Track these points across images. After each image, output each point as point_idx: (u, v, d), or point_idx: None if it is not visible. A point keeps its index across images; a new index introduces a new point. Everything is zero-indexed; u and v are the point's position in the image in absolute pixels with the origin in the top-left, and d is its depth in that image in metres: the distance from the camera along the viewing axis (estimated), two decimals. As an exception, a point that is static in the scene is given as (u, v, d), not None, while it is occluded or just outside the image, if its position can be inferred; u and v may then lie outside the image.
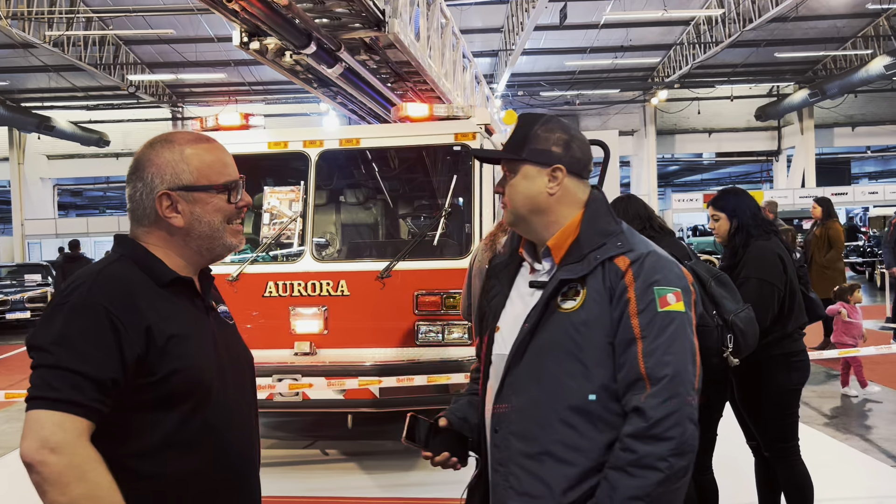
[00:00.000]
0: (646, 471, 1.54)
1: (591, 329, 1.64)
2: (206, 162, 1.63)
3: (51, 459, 1.37)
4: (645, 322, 1.60)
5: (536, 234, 1.79)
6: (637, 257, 1.66)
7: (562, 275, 1.69)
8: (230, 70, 21.90)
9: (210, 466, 1.56)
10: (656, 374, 1.58)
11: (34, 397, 1.42)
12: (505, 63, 20.45)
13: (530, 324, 1.69)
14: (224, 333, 1.70)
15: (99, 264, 1.59)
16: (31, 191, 26.82)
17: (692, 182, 39.55)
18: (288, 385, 5.01)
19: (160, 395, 1.51)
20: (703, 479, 3.45)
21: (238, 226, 1.69)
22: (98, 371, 1.43)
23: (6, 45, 19.40)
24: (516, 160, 1.77)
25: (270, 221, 5.60)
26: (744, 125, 27.82)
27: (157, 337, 1.50)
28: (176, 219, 1.62)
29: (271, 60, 6.11)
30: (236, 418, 1.64)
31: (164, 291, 1.58)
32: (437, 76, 7.58)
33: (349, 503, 4.65)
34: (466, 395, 1.97)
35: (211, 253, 1.66)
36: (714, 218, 3.63)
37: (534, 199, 1.75)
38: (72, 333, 1.45)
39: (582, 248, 1.70)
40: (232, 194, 1.65)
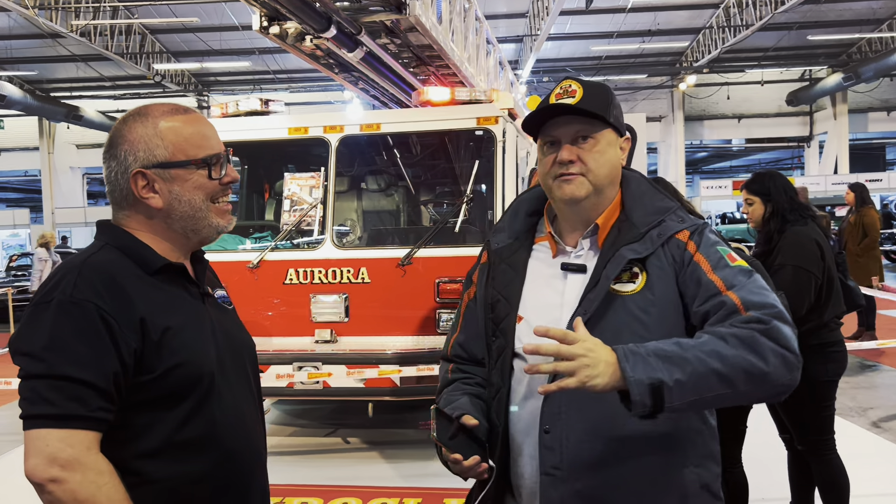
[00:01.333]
0: (750, 351, 1.41)
1: (659, 310, 1.54)
2: (182, 135, 1.50)
3: (63, 476, 1.28)
4: (724, 275, 1.52)
5: (595, 210, 1.65)
6: (695, 228, 1.60)
7: (627, 254, 1.56)
8: (254, 58, 21.93)
9: (217, 463, 1.46)
10: (755, 300, 1.47)
11: (32, 415, 1.31)
12: (530, 48, 20.21)
13: (588, 311, 1.53)
14: (223, 320, 1.60)
15: (82, 255, 1.47)
16: (62, 180, 27.18)
17: (721, 169, 38.95)
18: (308, 373, 4.97)
19: (160, 393, 1.40)
20: (732, 473, 3.33)
21: (225, 204, 1.56)
22: (97, 375, 1.32)
23: (35, 36, 19.62)
24: (604, 123, 1.61)
25: (291, 208, 5.55)
26: (774, 110, 27.27)
27: (151, 330, 1.39)
28: (154, 199, 1.49)
29: (292, 45, 6.03)
30: (240, 410, 1.54)
31: (154, 279, 1.46)
32: (460, 60, 7.45)
33: (370, 492, 4.59)
34: (462, 394, 1.70)
35: (197, 235, 1.54)
36: (748, 202, 3.49)
37: (616, 168, 1.65)
38: (62, 335, 1.32)
39: (637, 226, 1.60)
40: (213, 169, 1.51)
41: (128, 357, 1.35)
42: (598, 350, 1.37)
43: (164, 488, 1.40)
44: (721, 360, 1.39)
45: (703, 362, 1.38)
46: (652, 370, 1.36)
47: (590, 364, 1.35)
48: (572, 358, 1.35)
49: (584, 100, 1.58)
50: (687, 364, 1.37)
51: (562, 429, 1.54)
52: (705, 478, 1.58)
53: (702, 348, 1.40)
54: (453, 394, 1.72)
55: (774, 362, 1.41)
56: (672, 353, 1.39)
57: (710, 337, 1.43)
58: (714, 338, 1.42)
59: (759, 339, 1.41)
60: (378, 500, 4.47)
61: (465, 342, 1.79)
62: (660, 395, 1.36)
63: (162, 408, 1.40)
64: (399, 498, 4.49)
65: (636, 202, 1.64)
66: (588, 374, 1.35)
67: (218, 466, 1.46)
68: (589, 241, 1.65)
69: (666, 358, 1.38)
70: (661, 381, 1.36)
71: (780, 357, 1.41)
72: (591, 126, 1.60)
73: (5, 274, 16.81)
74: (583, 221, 1.65)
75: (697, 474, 1.56)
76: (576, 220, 1.66)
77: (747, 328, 1.42)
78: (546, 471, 1.55)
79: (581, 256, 1.64)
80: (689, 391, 1.38)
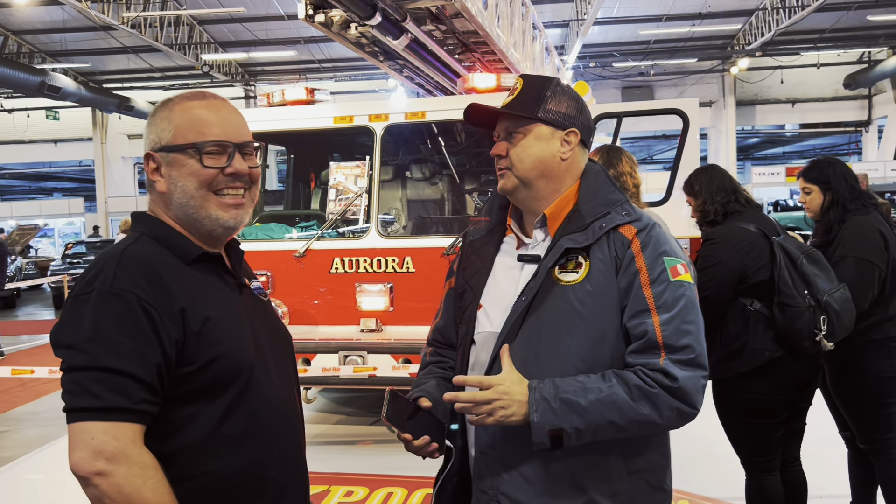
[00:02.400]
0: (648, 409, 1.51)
1: (597, 301, 1.56)
2: (187, 119, 1.47)
3: (109, 469, 1.26)
4: (658, 292, 1.55)
5: (534, 203, 1.69)
6: (643, 227, 1.62)
7: (566, 243, 1.60)
8: (300, 48, 22.05)
9: (257, 456, 1.44)
10: (675, 342, 1.53)
11: (76, 408, 1.30)
12: (576, 33, 19.88)
13: (528, 297, 1.60)
14: (259, 311, 1.57)
15: (119, 245, 1.45)
16: (114, 169, 27.84)
17: (773, 155, 37.93)
18: (354, 363, 4.98)
19: (201, 385, 1.38)
20: (791, 471, 3.22)
21: (229, 198, 1.49)
22: (140, 367, 1.30)
23: (88, 28, 20.07)
24: (529, 119, 1.66)
25: (336, 197, 5.55)
26: (831, 94, 26.38)
27: (191, 321, 1.37)
28: (159, 183, 1.48)
29: (337, 33, 5.99)
30: (279, 402, 1.51)
31: (191, 269, 1.44)
32: (506, 46, 7.34)
33: (416, 482, 4.59)
34: (432, 377, 1.80)
35: (200, 225, 1.48)
36: (805, 191, 3.35)
37: (545, 162, 1.66)
38: (103, 326, 1.31)
39: (584, 217, 1.64)
40: (206, 157, 1.45)
41: (170, 348, 1.34)
42: (513, 390, 1.52)
43: (205, 482, 1.39)
44: (620, 412, 1.50)
45: (603, 415, 1.50)
46: (554, 418, 1.50)
47: (504, 406, 1.51)
48: (489, 402, 1.51)
49: (517, 97, 1.68)
50: (587, 414, 1.50)
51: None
52: (637, 464, 1.62)
53: (604, 399, 1.50)
54: (424, 377, 1.82)
55: (668, 415, 1.52)
56: (576, 401, 1.50)
57: (616, 381, 1.52)
58: (619, 383, 1.52)
59: (661, 397, 1.51)
60: (424, 490, 4.46)
61: (442, 328, 1.89)
62: (559, 438, 1.50)
63: (202, 400, 1.39)
64: (444, 488, 4.47)
65: (588, 194, 1.68)
66: (503, 414, 1.51)
67: (257, 460, 1.45)
68: (541, 231, 1.70)
69: (570, 406, 1.50)
70: (562, 429, 1.50)
71: (677, 411, 1.52)
72: (518, 122, 1.67)
73: (61, 262, 17.29)
74: (532, 212, 1.71)
75: (625, 459, 1.60)
76: (527, 212, 1.72)
77: (655, 381, 1.51)
78: (480, 449, 1.66)
79: (536, 247, 1.70)
80: (586, 436, 1.52)
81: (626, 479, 1.60)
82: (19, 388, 7.86)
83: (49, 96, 20.08)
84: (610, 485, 1.59)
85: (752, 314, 2.95)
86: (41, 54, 22.45)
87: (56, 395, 7.58)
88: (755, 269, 2.94)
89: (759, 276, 2.95)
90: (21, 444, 5.93)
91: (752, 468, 3.16)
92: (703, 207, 3.15)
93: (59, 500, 4.57)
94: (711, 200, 3.11)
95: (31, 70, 19.32)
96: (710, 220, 3.13)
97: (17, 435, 6.25)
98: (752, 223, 3.02)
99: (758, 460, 3.12)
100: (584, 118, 1.72)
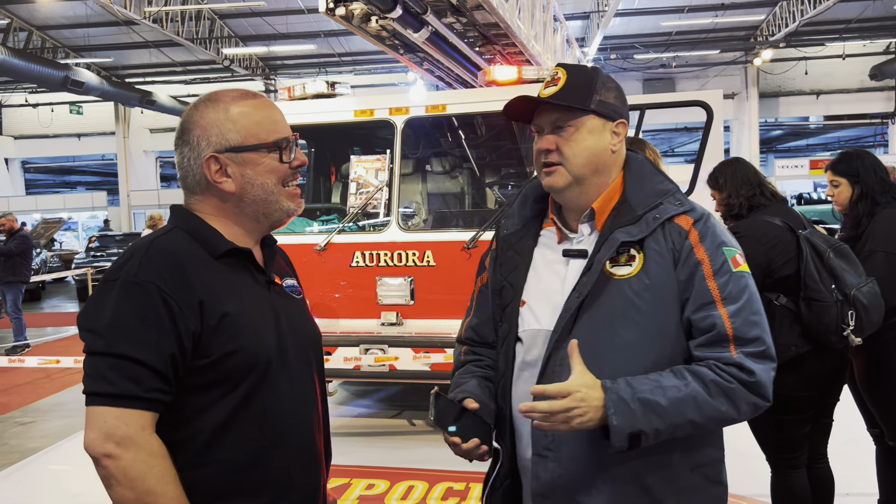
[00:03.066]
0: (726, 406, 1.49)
1: (655, 295, 1.52)
2: (254, 119, 1.50)
3: (117, 452, 1.31)
4: (722, 283, 1.52)
5: (584, 198, 1.64)
6: (699, 217, 1.58)
7: (620, 236, 1.55)
8: (320, 41, 22.09)
9: (266, 452, 1.45)
10: (745, 334, 1.50)
11: (92, 392, 1.35)
12: (597, 25, 19.72)
13: (582, 293, 1.56)
14: (288, 309, 1.58)
15: (151, 236, 1.49)
16: (136, 163, 28.09)
17: (797, 147, 37.44)
18: (375, 356, 4.99)
19: (215, 378, 1.41)
20: (817, 468, 3.18)
21: (294, 188, 1.56)
22: (154, 357, 1.34)
23: (110, 23, 20.24)
24: (582, 111, 1.60)
25: (357, 191, 5.56)
26: (856, 85, 25.94)
27: (209, 314, 1.39)
28: (227, 183, 1.49)
29: (357, 26, 5.99)
30: (296, 401, 1.52)
31: (218, 264, 1.47)
32: (527, 38, 7.29)
33: (437, 475, 4.59)
34: (471, 377, 1.74)
35: (268, 219, 1.54)
36: (833, 184, 3.29)
37: (598, 156, 1.62)
38: (123, 314, 1.35)
39: (634, 209, 1.59)
40: (284, 153, 1.52)
41: (186, 340, 1.37)
42: (590, 396, 1.45)
43: (213, 472, 1.41)
44: (699, 410, 1.47)
45: (682, 413, 1.47)
46: (634, 419, 1.45)
47: (581, 413, 1.45)
48: (567, 411, 1.45)
49: (564, 87, 1.60)
50: (667, 415, 1.46)
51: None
52: (697, 460, 1.60)
53: (683, 397, 1.47)
54: (463, 377, 1.76)
55: (745, 410, 1.50)
56: (655, 400, 1.46)
57: (691, 378, 1.49)
58: (695, 381, 1.49)
59: (738, 392, 1.49)
60: (445, 484, 4.47)
61: (476, 326, 1.83)
62: (637, 440, 1.46)
63: (216, 392, 1.41)
64: (466, 482, 4.47)
65: (636, 185, 1.64)
66: (580, 421, 1.46)
67: (268, 455, 1.46)
68: (588, 225, 1.66)
69: (649, 406, 1.46)
70: (641, 430, 1.46)
71: (753, 406, 1.51)
72: (569, 114, 1.60)
73: (85, 255, 17.50)
74: (578, 207, 1.66)
75: (688, 456, 1.58)
76: (571, 207, 1.68)
77: (731, 376, 1.49)
78: (538, 451, 1.60)
79: (582, 241, 1.65)
80: (665, 435, 1.49)
81: (689, 476, 1.58)
82: (45, 380, 7.97)
83: (73, 91, 20.28)
84: (673, 483, 1.57)
85: (778, 309, 2.91)
86: (64, 49, 22.69)
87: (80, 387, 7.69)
88: (781, 263, 2.90)
89: (785, 270, 2.90)
90: (47, 434, 6.02)
91: (778, 465, 3.12)
92: (727, 201, 3.10)
93: (85, 490, 4.63)
94: (736, 194, 3.07)
95: (55, 65, 19.53)
96: (735, 214, 3.09)
97: (42, 426, 6.34)
98: (777, 217, 2.97)
99: (784, 457, 3.08)
100: (627, 108, 1.70)
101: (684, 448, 1.56)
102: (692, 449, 1.58)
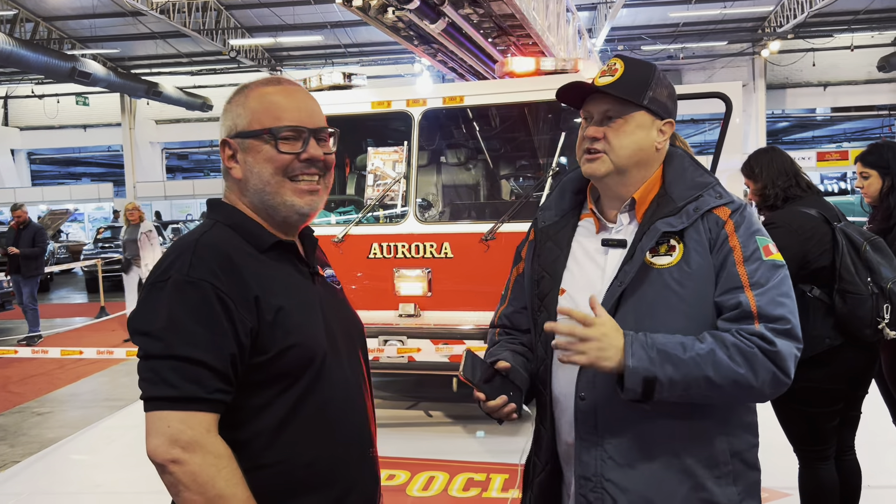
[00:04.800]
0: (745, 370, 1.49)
1: (695, 283, 1.56)
2: (263, 105, 1.46)
3: (184, 457, 1.28)
4: (752, 270, 1.55)
5: (624, 189, 1.68)
6: (737, 207, 1.62)
7: (662, 227, 1.59)
8: (326, 32, 22.05)
9: (328, 446, 1.44)
10: (770, 312, 1.52)
11: (152, 397, 1.31)
12: (605, 16, 19.65)
13: (624, 282, 1.59)
14: (332, 299, 1.56)
15: (195, 233, 1.44)
16: (142, 154, 28.11)
17: (803, 139, 37.32)
18: (395, 347, 5.00)
19: (273, 374, 1.38)
20: (845, 460, 3.18)
21: (304, 184, 1.47)
22: (214, 357, 1.31)
23: (116, 14, 20.22)
24: (635, 105, 1.64)
25: (374, 183, 5.55)
26: (864, 77, 25.84)
27: (265, 310, 1.37)
28: (235, 169, 1.47)
29: (374, 18, 5.97)
30: (350, 392, 1.50)
31: (265, 258, 1.44)
32: (542, 29, 7.27)
33: (457, 466, 4.60)
34: (504, 349, 1.78)
35: (276, 212, 1.47)
36: (863, 175, 3.28)
37: (644, 150, 1.66)
38: (179, 315, 1.31)
39: (675, 200, 1.63)
40: (282, 143, 1.44)
41: (244, 337, 1.34)
42: (612, 335, 1.50)
43: (276, 471, 1.39)
44: (716, 368, 1.48)
45: (699, 367, 1.48)
46: (650, 364, 1.48)
47: (602, 347, 1.49)
48: (587, 339, 1.49)
49: (620, 79, 1.63)
50: (684, 366, 1.48)
51: (596, 396, 1.61)
52: (736, 446, 1.62)
53: (702, 353, 1.49)
54: (497, 349, 1.81)
55: (764, 378, 1.50)
56: (674, 353, 1.49)
57: (712, 340, 1.51)
58: (716, 343, 1.51)
59: (758, 357, 1.49)
60: (465, 475, 4.48)
61: (510, 314, 1.88)
62: (651, 387, 1.49)
63: (274, 390, 1.38)
64: (486, 473, 4.49)
65: (676, 178, 1.67)
66: (598, 355, 1.49)
67: (328, 451, 1.44)
68: (627, 215, 1.69)
69: (667, 356, 1.49)
70: (655, 376, 1.48)
71: (772, 375, 1.50)
72: (622, 107, 1.64)
73: (93, 246, 17.52)
74: (618, 197, 1.70)
75: (728, 442, 1.61)
76: (611, 196, 1.71)
77: (752, 343, 1.50)
78: (581, 436, 1.63)
79: (621, 231, 1.69)
80: (679, 389, 1.50)
81: (730, 462, 1.62)
82: (59, 370, 8.00)
83: (80, 82, 20.28)
84: (716, 468, 1.60)
85: (812, 301, 2.90)
86: (71, 40, 22.66)
87: (95, 377, 7.72)
88: (817, 254, 2.89)
89: (821, 261, 2.89)
90: (64, 424, 6.04)
91: (806, 457, 3.12)
92: (763, 191, 3.09)
93: (106, 480, 4.65)
94: (772, 184, 3.05)
95: (62, 56, 19.52)
96: (770, 205, 3.07)
97: (60, 416, 6.36)
98: (813, 208, 2.96)
99: (812, 449, 3.08)
100: (676, 108, 1.73)
101: (724, 433, 1.61)
102: (731, 434, 1.62)
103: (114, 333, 9.88)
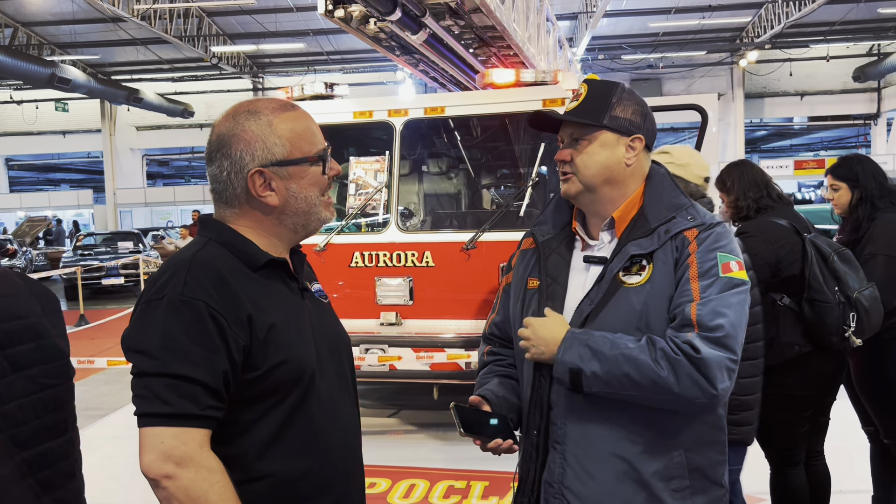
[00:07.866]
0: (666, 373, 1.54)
1: (657, 301, 1.61)
2: (297, 132, 1.50)
3: (177, 472, 1.31)
4: (705, 285, 1.59)
5: (600, 207, 1.74)
6: (706, 228, 1.64)
7: (631, 249, 1.65)
8: (309, 40, 22.05)
9: (317, 461, 1.48)
10: (707, 321, 1.55)
11: (146, 413, 1.34)
12: (585, 26, 19.83)
13: (593, 301, 1.65)
14: (320, 314, 1.60)
15: (189, 251, 1.48)
16: (122, 161, 27.90)
17: (780, 148, 37.82)
18: (376, 355, 5.03)
19: (264, 390, 1.42)
20: (814, 465, 3.26)
21: (329, 198, 1.57)
22: (208, 375, 1.34)
23: (97, 20, 20.08)
24: (595, 126, 1.70)
25: (356, 192, 5.58)
26: (840, 87, 26.28)
27: (258, 328, 1.40)
28: (270, 197, 1.49)
29: (355, 28, 6.03)
30: (337, 407, 1.54)
31: (257, 276, 1.47)
32: (522, 40, 7.36)
33: (438, 474, 4.64)
34: (493, 376, 1.88)
35: (305, 229, 1.55)
36: (833, 188, 3.36)
37: (610, 168, 1.71)
38: (174, 334, 1.34)
39: (649, 221, 1.67)
40: (325, 165, 1.53)
41: (237, 355, 1.37)
42: (543, 333, 1.66)
43: (267, 485, 1.42)
44: (638, 369, 1.55)
45: (620, 365, 1.56)
46: (577, 358, 1.60)
47: (535, 344, 1.67)
48: (525, 338, 1.70)
49: (581, 104, 1.72)
50: (607, 362, 1.57)
51: (564, 402, 1.69)
52: (697, 462, 1.66)
53: (626, 353, 1.57)
54: (485, 377, 1.89)
55: (686, 384, 1.54)
56: (601, 350, 1.59)
57: (644, 343, 1.58)
58: (646, 345, 1.57)
59: (681, 363, 1.54)
60: (446, 482, 4.51)
61: (500, 322, 1.94)
62: (578, 379, 1.60)
63: (265, 405, 1.42)
64: (466, 480, 4.53)
65: (654, 199, 1.72)
66: (534, 351, 1.68)
67: (317, 464, 1.47)
68: (608, 233, 1.75)
69: (594, 352, 1.59)
70: (581, 369, 1.59)
71: (695, 383, 1.54)
72: (584, 129, 1.71)
73: (73, 253, 17.37)
74: (598, 215, 1.76)
75: (686, 457, 1.65)
76: (592, 213, 1.77)
77: (680, 349, 1.55)
78: (551, 444, 1.71)
79: (602, 249, 1.75)
80: (603, 384, 1.59)
81: (688, 476, 1.65)
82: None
83: (60, 88, 20.11)
84: (672, 481, 1.64)
85: (782, 309, 2.99)
86: (50, 46, 22.49)
87: (82, 384, 7.65)
88: (788, 263, 2.98)
89: (791, 270, 2.98)
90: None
91: (777, 462, 3.20)
92: (736, 203, 3.17)
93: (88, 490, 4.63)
94: (744, 196, 3.13)
95: (41, 62, 19.35)
96: (743, 216, 3.16)
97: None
98: (784, 219, 3.04)
99: (783, 454, 3.16)
100: (649, 123, 1.76)
101: (684, 448, 1.65)
102: (691, 450, 1.66)
103: (93, 342, 9.81)
